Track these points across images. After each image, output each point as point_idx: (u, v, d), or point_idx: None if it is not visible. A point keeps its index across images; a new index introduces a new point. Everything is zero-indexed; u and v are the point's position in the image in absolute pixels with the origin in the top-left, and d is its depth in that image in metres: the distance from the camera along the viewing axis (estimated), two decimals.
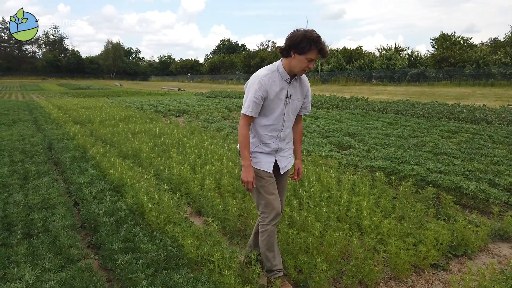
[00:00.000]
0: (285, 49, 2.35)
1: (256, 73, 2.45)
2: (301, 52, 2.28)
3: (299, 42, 2.27)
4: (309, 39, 2.26)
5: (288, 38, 2.33)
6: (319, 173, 4.78)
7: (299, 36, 2.27)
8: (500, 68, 32.90)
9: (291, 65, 2.37)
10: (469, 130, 8.74)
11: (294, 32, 2.32)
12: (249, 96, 2.39)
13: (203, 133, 8.46)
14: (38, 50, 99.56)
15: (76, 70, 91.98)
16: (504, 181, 4.54)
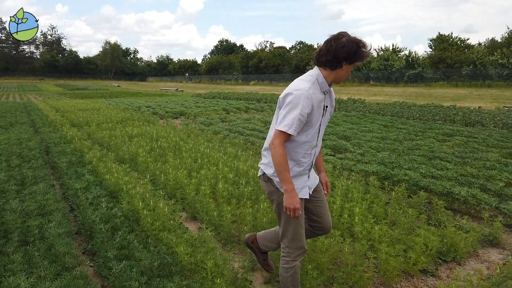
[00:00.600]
0: (338, 60, 2.13)
1: (298, 86, 2.18)
2: (352, 61, 2.14)
3: (354, 51, 2.10)
4: (361, 46, 2.12)
5: (341, 49, 2.09)
6: None
7: (352, 45, 2.09)
8: (497, 69, 33.05)
9: (338, 76, 2.21)
10: (464, 133, 8.81)
11: (339, 39, 2.11)
12: (295, 113, 2.11)
13: (200, 136, 8.50)
14: (36, 50, 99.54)
15: (74, 70, 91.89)
16: (495, 186, 4.61)
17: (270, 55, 65.68)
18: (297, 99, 2.12)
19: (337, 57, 2.12)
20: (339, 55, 2.10)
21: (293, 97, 2.13)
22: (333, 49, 2.11)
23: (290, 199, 2.17)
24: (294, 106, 2.12)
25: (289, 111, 2.13)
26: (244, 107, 17.06)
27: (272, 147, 2.16)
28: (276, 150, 2.15)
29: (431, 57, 41.11)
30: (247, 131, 9.33)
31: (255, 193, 4.41)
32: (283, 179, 2.17)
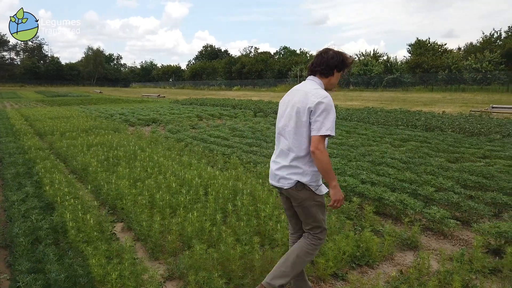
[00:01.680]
0: (330, 69, 2.52)
1: (322, 93, 2.45)
2: (340, 69, 2.57)
3: (341, 61, 2.53)
4: (345, 57, 2.54)
5: (332, 58, 2.50)
6: (255, 186, 4.96)
7: (339, 56, 2.52)
8: (471, 74, 33.97)
9: (331, 83, 2.60)
10: (419, 139, 9.09)
11: (328, 52, 2.54)
12: (331, 117, 2.40)
13: (161, 144, 8.57)
14: (16, 57, 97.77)
15: (55, 77, 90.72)
16: (426, 191, 4.81)
17: (253, 61, 66.01)
18: (329, 105, 2.41)
19: (329, 66, 2.52)
20: (331, 64, 2.51)
21: (326, 104, 2.39)
22: (325, 60, 2.52)
23: (339, 193, 2.47)
24: (329, 111, 2.40)
25: (326, 116, 2.38)
26: (218, 114, 17.16)
27: (319, 152, 2.37)
28: (323, 154, 2.38)
29: (408, 62, 41.95)
30: (211, 139, 9.43)
31: (193, 201, 4.51)
32: (332, 177, 2.44)
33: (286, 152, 2.55)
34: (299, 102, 2.47)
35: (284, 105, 2.64)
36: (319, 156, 2.37)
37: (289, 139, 2.52)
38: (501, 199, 4.54)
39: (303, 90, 2.52)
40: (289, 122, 2.52)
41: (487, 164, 6.61)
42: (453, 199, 4.50)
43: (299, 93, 2.53)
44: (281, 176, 2.56)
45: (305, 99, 2.44)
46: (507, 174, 5.74)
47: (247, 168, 6.40)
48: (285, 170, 2.54)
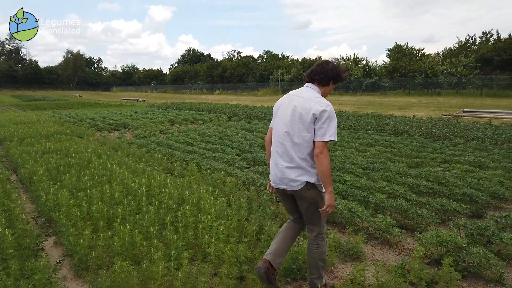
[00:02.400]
0: (328, 79, 2.74)
1: (324, 102, 2.64)
2: (335, 82, 2.79)
3: (339, 73, 2.74)
4: (342, 71, 2.78)
5: (328, 70, 2.71)
6: (203, 195, 4.77)
7: (336, 69, 2.74)
8: (446, 78, 34.60)
9: (325, 92, 2.79)
10: (385, 143, 9.06)
11: (329, 64, 2.74)
12: (334, 124, 2.59)
13: (121, 150, 8.31)
14: None
15: (33, 80, 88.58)
16: (377, 198, 4.71)
17: (234, 65, 65.86)
18: (332, 112, 2.61)
19: (327, 77, 2.73)
20: (329, 75, 2.72)
21: (329, 112, 2.58)
22: (325, 70, 2.72)
23: (333, 198, 2.64)
24: (332, 118, 2.59)
25: (329, 123, 2.57)
26: (192, 118, 16.93)
27: (323, 156, 2.54)
28: (326, 158, 2.55)
29: (386, 67, 42.50)
30: (176, 144, 9.21)
31: (133, 212, 4.30)
32: (330, 182, 2.61)
33: (291, 155, 2.68)
34: (302, 108, 2.63)
35: (284, 110, 2.77)
36: (323, 160, 2.55)
37: (295, 143, 2.66)
38: (450, 206, 4.47)
39: (304, 97, 2.68)
40: (294, 126, 2.66)
41: (446, 169, 6.59)
42: (402, 207, 4.41)
43: (301, 100, 2.68)
44: (290, 179, 2.69)
45: (308, 106, 2.61)
46: (462, 179, 5.70)
47: (204, 175, 6.21)
48: (293, 172, 2.68)
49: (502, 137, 9.48)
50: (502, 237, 3.57)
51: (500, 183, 5.54)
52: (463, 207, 4.46)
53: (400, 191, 5.03)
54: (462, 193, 4.94)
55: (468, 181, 5.44)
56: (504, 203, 5.25)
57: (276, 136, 2.80)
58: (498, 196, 5.08)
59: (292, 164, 2.67)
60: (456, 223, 3.94)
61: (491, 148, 8.32)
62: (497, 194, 5.08)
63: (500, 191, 5.09)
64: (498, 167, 6.53)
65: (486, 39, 43.54)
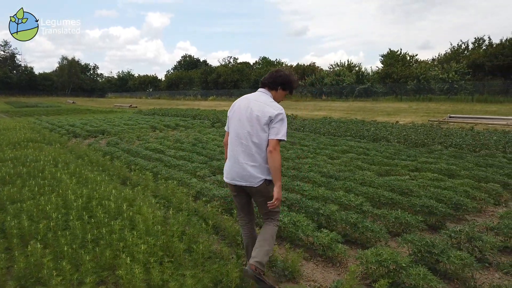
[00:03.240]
0: (275, 84, 3.04)
1: (278, 106, 2.94)
2: (285, 89, 3.08)
3: (287, 81, 3.05)
4: (292, 80, 3.09)
5: (277, 76, 3.04)
6: (141, 208, 4.44)
7: (287, 77, 3.05)
8: (438, 84, 34.42)
9: (277, 96, 3.07)
10: (360, 150, 8.75)
11: (280, 71, 3.07)
12: (285, 125, 2.89)
13: (83, 159, 7.97)
14: None
15: (28, 87, 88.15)
16: (328, 210, 4.38)
17: (229, 71, 65.69)
18: (284, 116, 2.91)
19: (275, 82, 3.04)
20: (277, 81, 3.04)
21: (282, 115, 2.90)
22: (274, 77, 3.05)
23: (281, 193, 2.92)
24: (284, 121, 2.90)
25: (281, 124, 2.87)
26: (174, 124, 16.62)
27: (276, 152, 2.83)
28: (278, 155, 2.85)
29: (378, 73, 42.37)
30: (144, 152, 8.88)
31: (60, 227, 3.96)
32: (280, 177, 2.88)
33: (253, 154, 2.90)
34: (258, 111, 2.90)
35: (243, 112, 2.97)
36: (275, 156, 2.83)
37: (255, 142, 2.89)
38: (404, 219, 4.15)
39: (260, 101, 2.96)
40: (253, 128, 2.90)
41: (414, 177, 6.28)
42: (351, 219, 4.09)
43: (257, 104, 2.95)
44: (251, 175, 2.90)
45: (264, 109, 2.89)
46: (426, 189, 5.39)
47: (158, 184, 5.88)
48: (255, 169, 2.90)
49: (481, 143, 9.19)
50: (449, 255, 3.25)
51: (466, 193, 5.23)
52: (417, 220, 4.15)
53: (357, 202, 4.72)
54: (421, 204, 4.62)
55: (431, 191, 5.13)
56: (468, 214, 4.93)
57: (236, 137, 2.98)
58: (461, 207, 4.76)
59: (255, 163, 2.89)
60: (405, 239, 3.62)
61: (467, 155, 8.02)
62: (460, 205, 4.76)
63: (464, 202, 4.77)
64: (469, 175, 6.22)
65: (479, 45, 43.49)
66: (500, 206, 5.33)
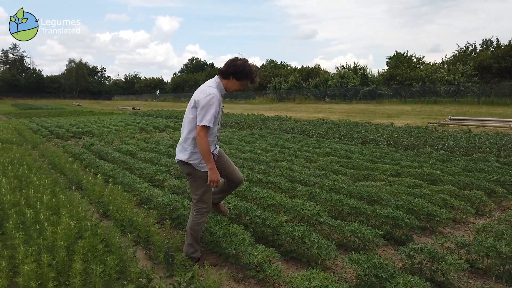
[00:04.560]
0: (226, 72, 3.00)
1: (209, 91, 2.94)
2: (238, 79, 3.01)
3: (240, 71, 2.96)
4: (247, 71, 2.98)
5: (230, 65, 2.98)
6: (61, 216, 3.90)
7: (239, 66, 2.96)
8: (444, 86, 33.49)
9: (228, 86, 3.06)
10: (342, 153, 8.12)
11: (235, 60, 2.99)
12: (211, 112, 2.89)
13: (45, 160, 7.49)
14: None
15: (35, 89, 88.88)
16: (274, 222, 3.79)
17: None
18: (212, 101, 2.89)
19: (227, 71, 2.99)
20: (229, 70, 2.98)
21: (208, 100, 2.89)
22: (227, 64, 3.01)
23: (213, 175, 2.99)
24: (210, 107, 2.89)
25: (207, 110, 2.88)
26: (163, 126, 16.17)
27: (199, 138, 2.89)
28: (202, 140, 2.89)
29: (382, 75, 41.56)
30: (114, 154, 8.35)
31: None
32: (208, 160, 2.95)
33: (182, 133, 3.15)
34: (195, 95, 3.03)
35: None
36: (199, 141, 2.91)
37: (184, 125, 3.11)
38: (361, 232, 3.55)
39: (200, 86, 3.09)
40: (187, 112, 3.08)
41: (391, 183, 5.65)
42: (296, 233, 3.49)
43: (198, 89, 3.06)
44: (177, 151, 3.20)
45: (197, 93, 3.01)
46: (397, 196, 4.77)
47: (104, 190, 5.35)
48: (179, 147, 3.19)
49: (474, 146, 8.49)
50: (398, 282, 2.64)
51: (443, 201, 4.59)
52: (376, 234, 3.54)
53: (313, 211, 4.11)
54: (385, 214, 4.00)
55: (402, 199, 4.50)
56: (444, 227, 4.30)
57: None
58: (433, 219, 4.13)
59: (181, 142, 3.15)
60: (351, 258, 3.02)
61: (456, 159, 7.35)
62: (433, 216, 4.14)
63: (437, 212, 4.14)
64: (452, 181, 5.57)
65: (487, 47, 42.40)
66: (483, 217, 4.69)
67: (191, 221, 3.23)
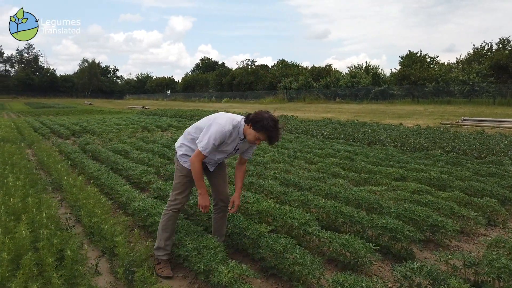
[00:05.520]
0: (248, 118, 2.87)
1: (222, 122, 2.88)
2: (255, 128, 2.82)
3: (258, 120, 2.79)
4: (265, 125, 2.76)
5: (254, 114, 2.85)
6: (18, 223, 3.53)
7: (260, 115, 2.80)
8: (458, 86, 32.53)
9: (246, 131, 2.92)
10: (345, 154, 7.64)
11: (261, 112, 2.85)
12: (208, 137, 2.85)
13: (35, 159, 7.19)
14: (11, 68, 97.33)
15: (49, 88, 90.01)
16: (254, 233, 3.35)
17: (243, 73, 64.95)
18: (215, 128, 2.86)
19: (250, 117, 2.88)
20: (251, 116, 2.87)
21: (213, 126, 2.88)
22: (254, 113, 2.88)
23: (202, 200, 3.03)
24: (208, 130, 2.90)
25: (204, 134, 2.91)
26: (166, 125, 15.87)
27: (191, 160, 2.94)
28: (194, 165, 2.91)
29: (395, 74, 40.68)
30: (106, 153, 8.00)
31: None
32: (199, 186, 2.98)
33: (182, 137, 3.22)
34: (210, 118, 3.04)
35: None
36: (191, 164, 2.94)
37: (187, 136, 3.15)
38: (352, 247, 3.09)
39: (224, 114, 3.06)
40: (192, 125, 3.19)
41: (395, 188, 5.16)
42: (277, 247, 3.05)
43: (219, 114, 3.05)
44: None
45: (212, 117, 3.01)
46: (399, 203, 4.28)
47: (81, 192, 4.98)
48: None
49: (487, 148, 7.90)
50: None
51: (451, 210, 4.09)
52: (369, 248, 3.08)
53: (302, 220, 3.65)
54: (382, 225, 3.53)
55: (404, 207, 4.01)
56: (450, 239, 3.80)
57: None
58: (438, 230, 3.64)
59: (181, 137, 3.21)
60: (336, 280, 2.56)
61: (468, 162, 6.80)
62: (437, 227, 3.65)
63: (443, 222, 3.65)
64: (462, 186, 5.05)
65: (503, 46, 41.06)
66: (496, 228, 4.17)
67: (162, 219, 3.18)
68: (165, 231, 3.14)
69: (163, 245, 3.16)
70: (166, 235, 3.15)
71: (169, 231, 3.15)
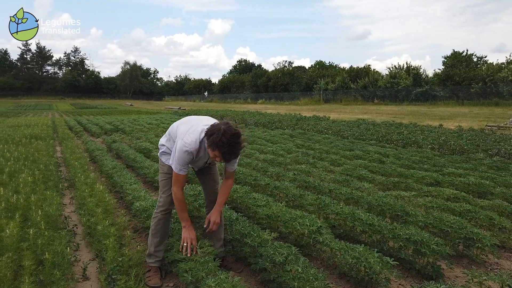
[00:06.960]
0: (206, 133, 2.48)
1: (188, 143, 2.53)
2: (208, 145, 2.43)
3: (209, 135, 2.39)
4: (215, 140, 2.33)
5: (210, 126, 2.43)
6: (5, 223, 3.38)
7: (212, 132, 2.38)
8: (508, 87, 30.36)
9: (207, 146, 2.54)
10: (374, 156, 7.07)
11: (217, 125, 2.41)
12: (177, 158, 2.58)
13: (62, 155, 7.22)
14: (59, 71, 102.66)
15: (93, 90, 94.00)
16: (254, 241, 2.99)
17: (279, 74, 64.52)
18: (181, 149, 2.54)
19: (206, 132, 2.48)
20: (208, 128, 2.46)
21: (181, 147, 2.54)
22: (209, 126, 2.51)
23: (186, 233, 2.72)
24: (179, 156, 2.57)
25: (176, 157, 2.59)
26: None
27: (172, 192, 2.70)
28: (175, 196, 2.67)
29: (438, 75, 38.69)
30: (128, 151, 7.93)
31: None
32: (182, 218, 2.73)
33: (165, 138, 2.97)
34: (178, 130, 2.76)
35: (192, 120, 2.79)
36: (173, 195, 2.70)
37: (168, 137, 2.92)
38: (367, 261, 2.65)
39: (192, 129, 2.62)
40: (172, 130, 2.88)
41: (426, 193, 4.60)
42: (278, 258, 2.67)
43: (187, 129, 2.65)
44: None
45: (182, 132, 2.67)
46: (428, 211, 3.75)
47: (89, 190, 4.83)
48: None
49: None
50: None
51: (490, 220, 3.52)
52: (387, 264, 2.63)
53: (312, 227, 3.24)
54: (405, 236, 3.04)
55: (434, 216, 3.49)
56: (487, 255, 3.24)
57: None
58: (473, 245, 3.11)
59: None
60: None
61: None
62: (472, 241, 3.11)
63: (479, 235, 3.11)
64: (505, 194, 4.41)
65: None
66: None
67: (152, 222, 2.96)
68: (155, 236, 2.89)
69: (153, 251, 2.90)
70: (156, 241, 2.89)
71: (159, 236, 2.89)
